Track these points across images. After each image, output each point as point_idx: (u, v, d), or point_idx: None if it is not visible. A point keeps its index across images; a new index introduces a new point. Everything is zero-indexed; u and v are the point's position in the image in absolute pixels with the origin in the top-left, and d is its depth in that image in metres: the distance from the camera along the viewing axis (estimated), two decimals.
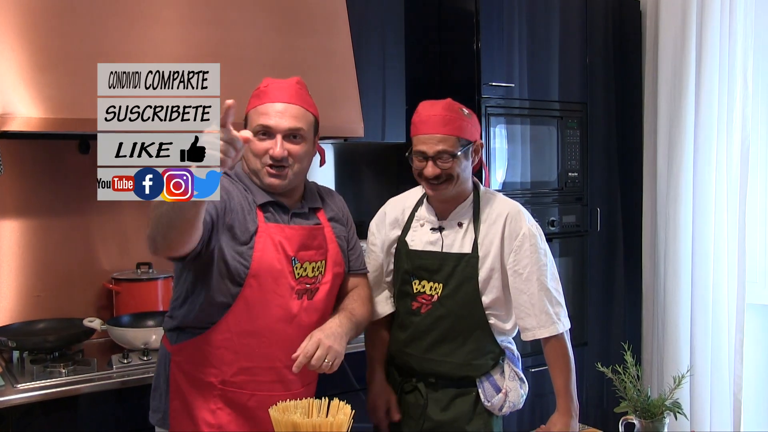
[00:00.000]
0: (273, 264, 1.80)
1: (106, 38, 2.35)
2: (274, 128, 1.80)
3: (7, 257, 2.68)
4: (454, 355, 2.05)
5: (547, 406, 3.25)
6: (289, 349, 1.78)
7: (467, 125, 2.01)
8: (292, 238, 1.84)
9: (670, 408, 1.73)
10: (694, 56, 3.38)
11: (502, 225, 2.04)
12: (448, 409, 2.06)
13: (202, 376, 1.82)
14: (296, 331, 1.82)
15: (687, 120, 3.40)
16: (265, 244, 1.80)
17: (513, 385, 2.08)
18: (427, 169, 1.98)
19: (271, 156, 1.80)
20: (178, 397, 1.85)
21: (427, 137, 1.98)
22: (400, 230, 2.14)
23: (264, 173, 1.83)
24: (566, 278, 3.45)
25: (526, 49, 3.28)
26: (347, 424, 1.37)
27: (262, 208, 1.83)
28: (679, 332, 3.41)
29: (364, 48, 2.99)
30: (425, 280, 2.06)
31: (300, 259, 1.84)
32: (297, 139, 1.83)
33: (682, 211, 3.41)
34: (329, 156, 3.39)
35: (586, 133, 3.51)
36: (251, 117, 1.85)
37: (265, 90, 1.85)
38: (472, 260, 2.03)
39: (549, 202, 3.40)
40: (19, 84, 2.18)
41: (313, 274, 1.87)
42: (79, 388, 2.23)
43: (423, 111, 2.02)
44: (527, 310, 2.00)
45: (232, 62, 2.49)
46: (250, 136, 1.52)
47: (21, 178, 2.70)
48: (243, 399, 1.83)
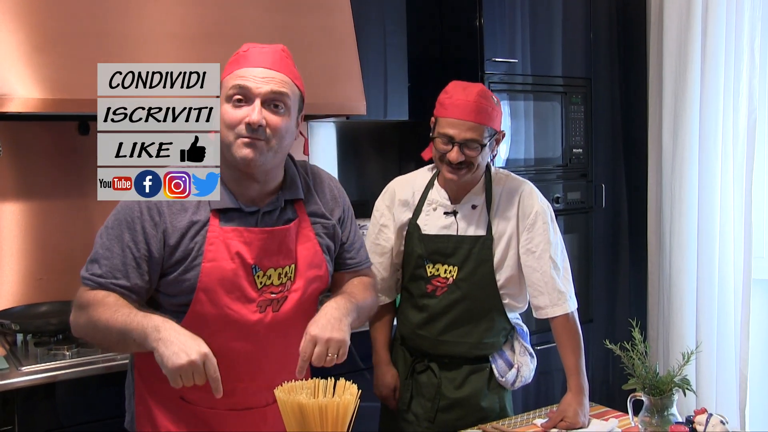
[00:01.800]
0: (225, 274, 1.57)
1: (104, 18, 2.31)
2: (253, 91, 1.53)
3: (8, 240, 2.67)
4: (468, 336, 2.05)
5: (553, 384, 3.27)
6: (253, 369, 1.63)
7: (496, 115, 1.99)
8: (252, 243, 1.60)
9: (679, 385, 1.72)
10: (699, 29, 3.32)
11: (515, 204, 2.04)
12: (463, 386, 2.07)
13: (159, 387, 1.58)
14: (258, 348, 1.62)
15: (692, 94, 3.35)
16: (216, 253, 1.57)
17: (524, 360, 2.10)
18: (452, 153, 1.94)
19: (248, 123, 1.52)
20: (141, 402, 1.69)
21: (457, 122, 1.93)
22: (410, 213, 2.12)
23: (238, 145, 1.54)
24: (571, 255, 3.40)
25: (529, 23, 3.25)
26: (354, 404, 1.36)
27: (217, 212, 1.60)
28: (685, 308, 3.39)
29: (365, 25, 2.95)
30: (440, 263, 2.06)
31: (263, 266, 1.61)
32: (278, 109, 1.56)
33: (687, 186, 3.38)
34: (331, 135, 3.37)
35: (591, 109, 3.47)
36: (226, 83, 1.57)
37: (245, 54, 1.59)
38: (486, 242, 2.03)
39: (553, 178, 3.38)
40: (17, 64, 2.15)
41: (280, 281, 1.63)
42: (83, 370, 2.23)
43: (455, 93, 1.97)
44: (540, 288, 2.00)
45: (231, 40, 2.43)
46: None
47: (20, 160, 2.67)
48: (203, 416, 1.65)
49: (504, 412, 2.09)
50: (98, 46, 2.28)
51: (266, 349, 1.64)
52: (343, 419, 1.34)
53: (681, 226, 3.41)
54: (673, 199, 3.45)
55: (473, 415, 2.05)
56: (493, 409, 2.07)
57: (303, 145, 1.79)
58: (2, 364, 2.24)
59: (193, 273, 1.57)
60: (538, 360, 2.15)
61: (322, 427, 1.32)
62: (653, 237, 3.61)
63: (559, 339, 2.02)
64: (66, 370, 2.21)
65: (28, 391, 2.15)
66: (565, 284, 2.02)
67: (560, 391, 2.04)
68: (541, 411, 2.01)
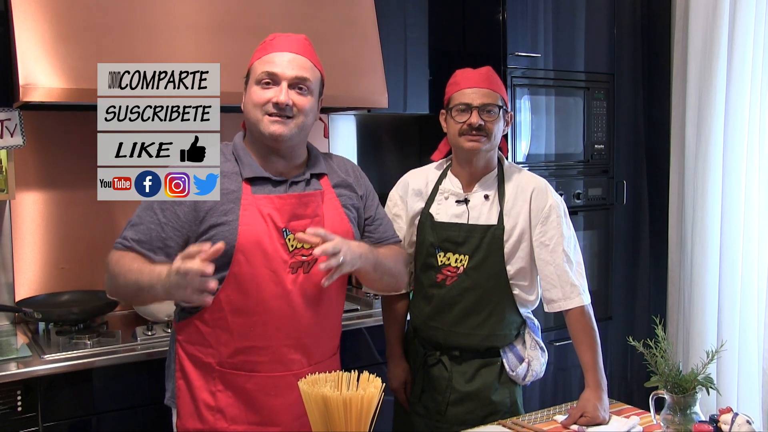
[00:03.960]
0: (260, 238, 1.70)
1: (127, 8, 2.33)
2: (280, 75, 1.71)
3: (30, 229, 2.69)
4: (480, 327, 2.05)
5: (570, 379, 3.26)
6: (286, 327, 1.73)
7: (505, 92, 2.07)
8: (282, 209, 1.74)
9: (702, 383, 1.70)
10: (727, 24, 3.27)
11: (529, 197, 2.05)
12: (474, 379, 2.08)
13: (202, 356, 1.76)
14: (292, 307, 1.74)
15: (718, 90, 3.31)
16: (251, 218, 1.71)
17: (535, 354, 2.10)
18: (472, 117, 1.99)
19: (275, 103, 1.70)
20: (183, 376, 1.80)
21: (472, 90, 2.02)
22: (423, 202, 2.13)
23: (266, 122, 1.72)
24: (591, 252, 3.42)
25: (552, 18, 3.22)
26: (378, 397, 1.35)
27: (250, 181, 1.75)
28: (706, 306, 3.36)
29: (386, 17, 2.94)
30: (450, 252, 2.06)
31: (292, 229, 1.73)
32: (303, 91, 1.74)
33: (710, 183, 3.34)
34: (351, 127, 3.37)
35: (613, 105, 3.45)
36: (255, 68, 1.76)
37: (271, 42, 1.77)
38: (498, 231, 2.03)
39: (574, 174, 3.35)
40: (41, 55, 2.17)
41: (310, 245, 1.75)
42: (105, 359, 2.25)
43: (465, 72, 2.07)
44: (553, 282, 2.01)
45: (254, 32, 2.44)
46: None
47: (43, 150, 2.69)
48: (241, 381, 1.76)
49: (515, 407, 2.09)
50: (121, 37, 2.29)
51: (298, 307, 1.75)
52: (367, 412, 1.34)
53: (703, 224, 3.37)
54: (696, 196, 3.41)
55: (484, 409, 2.05)
56: (503, 403, 2.07)
57: (323, 129, 1.95)
58: (25, 351, 2.27)
59: (231, 236, 1.68)
60: (557, 356, 2.14)
61: (346, 420, 1.32)
62: (674, 234, 3.58)
63: (574, 334, 2.01)
64: (88, 359, 2.23)
65: (50, 379, 2.17)
66: (578, 278, 2.02)
67: (578, 388, 2.03)
68: (560, 407, 2.00)
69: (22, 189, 2.63)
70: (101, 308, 2.54)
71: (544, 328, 2.99)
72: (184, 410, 1.80)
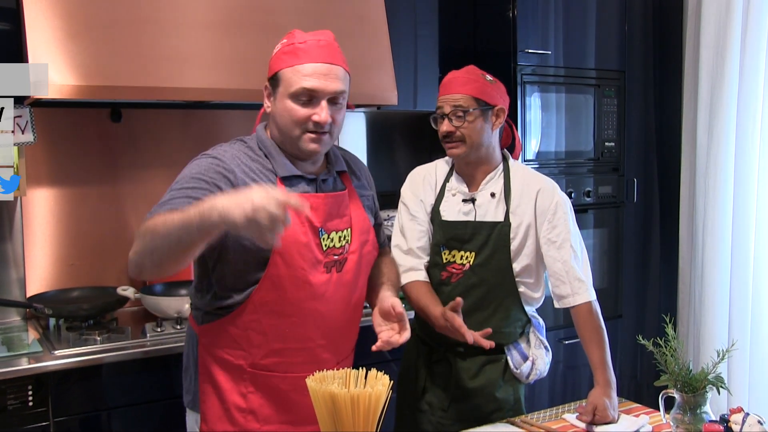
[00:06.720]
0: (298, 238, 1.66)
1: (138, 5, 2.33)
2: (321, 92, 1.65)
3: (41, 226, 2.70)
4: (485, 324, 2.03)
5: (579, 378, 3.24)
6: (321, 327, 1.72)
7: (487, 89, 2.05)
8: (319, 208, 1.70)
9: (712, 382, 1.69)
10: (740, 21, 3.24)
11: (535, 196, 2.05)
12: (478, 376, 2.08)
13: (231, 359, 1.72)
14: (327, 307, 1.72)
15: (730, 87, 3.28)
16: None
17: (539, 353, 2.11)
18: (444, 125, 2.04)
19: (315, 122, 1.65)
20: (207, 380, 1.76)
21: (444, 97, 2.04)
22: (434, 196, 2.14)
23: (305, 140, 1.68)
24: (601, 250, 3.41)
25: (563, 15, 3.21)
26: (386, 395, 1.35)
27: (283, 180, 1.70)
28: (717, 306, 3.34)
29: (396, 14, 2.93)
30: (456, 249, 2.07)
31: (327, 229, 1.71)
32: (338, 104, 1.69)
33: (721, 181, 3.32)
34: (361, 125, 3.36)
35: (624, 102, 3.43)
36: (289, 77, 1.66)
37: (303, 49, 1.67)
38: (505, 228, 2.04)
39: (584, 172, 3.34)
40: (52, 51, 2.17)
41: (340, 243, 1.74)
42: (115, 355, 2.25)
43: (446, 77, 2.09)
44: (562, 278, 2.01)
45: (265, 28, 2.45)
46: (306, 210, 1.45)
47: (54, 146, 2.70)
48: (275, 382, 1.73)
49: (518, 405, 2.08)
50: (131, 34, 2.29)
51: (333, 307, 1.73)
52: (374, 410, 1.34)
53: (714, 222, 3.35)
54: (707, 194, 3.39)
55: (487, 406, 2.05)
56: (507, 401, 2.07)
57: None
58: (36, 347, 2.28)
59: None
60: (565, 354, 2.14)
61: (354, 418, 1.32)
62: (685, 232, 3.56)
63: (582, 333, 2.01)
64: (98, 355, 2.24)
65: (61, 375, 2.18)
66: (585, 273, 2.03)
67: (586, 386, 2.02)
68: (570, 405, 1.99)
69: (33, 186, 2.64)
70: (111, 304, 2.55)
71: (552, 326, 2.99)
72: (211, 413, 1.75)
